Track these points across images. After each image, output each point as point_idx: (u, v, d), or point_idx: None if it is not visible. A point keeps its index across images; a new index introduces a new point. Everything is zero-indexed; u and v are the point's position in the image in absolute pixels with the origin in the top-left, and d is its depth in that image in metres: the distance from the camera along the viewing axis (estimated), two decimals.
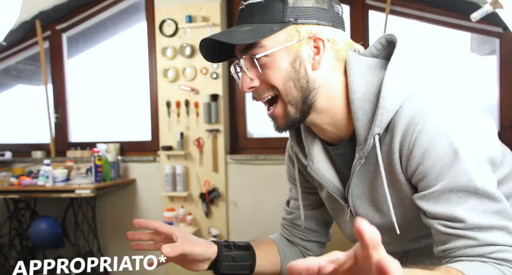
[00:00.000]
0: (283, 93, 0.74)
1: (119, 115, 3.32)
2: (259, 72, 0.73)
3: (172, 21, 2.77)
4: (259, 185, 2.77)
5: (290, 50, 0.72)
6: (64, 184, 2.69)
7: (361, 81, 0.73)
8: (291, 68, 0.73)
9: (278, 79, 0.73)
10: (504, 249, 0.64)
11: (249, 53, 0.73)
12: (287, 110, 0.75)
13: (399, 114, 0.69)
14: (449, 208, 0.66)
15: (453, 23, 2.48)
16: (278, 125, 0.77)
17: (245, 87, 0.75)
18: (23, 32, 3.12)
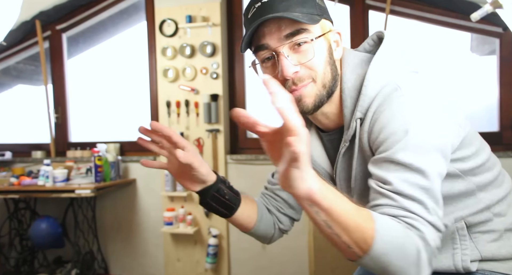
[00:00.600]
0: (321, 77, 0.80)
1: (119, 115, 3.32)
2: (305, 57, 0.77)
3: (172, 21, 2.77)
4: (259, 185, 2.75)
5: (326, 38, 0.81)
6: (64, 184, 2.69)
7: (352, 74, 0.83)
8: (328, 53, 0.81)
9: (320, 64, 0.79)
10: (414, 217, 0.68)
11: (296, 38, 0.77)
12: (320, 91, 0.80)
13: (375, 99, 0.77)
14: (385, 173, 0.72)
15: (453, 23, 2.49)
16: (306, 104, 0.80)
17: (290, 72, 0.77)
18: (23, 32, 3.12)
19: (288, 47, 0.78)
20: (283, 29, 0.77)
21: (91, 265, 2.95)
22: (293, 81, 0.79)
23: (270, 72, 0.81)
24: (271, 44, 0.78)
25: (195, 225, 2.80)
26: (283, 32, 0.77)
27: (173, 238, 2.86)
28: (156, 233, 2.95)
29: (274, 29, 0.77)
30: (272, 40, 0.78)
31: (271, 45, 0.78)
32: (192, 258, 2.85)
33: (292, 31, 0.76)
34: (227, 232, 2.81)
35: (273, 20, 0.77)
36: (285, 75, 0.77)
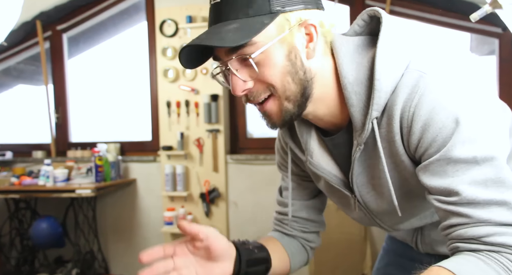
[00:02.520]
0: (281, 90, 0.68)
1: (120, 115, 3.33)
2: (255, 72, 0.66)
3: (172, 21, 2.78)
4: (259, 185, 2.78)
5: (284, 42, 0.66)
6: (65, 184, 2.69)
7: (351, 64, 0.69)
8: (287, 61, 0.67)
9: (276, 76, 0.67)
10: (500, 231, 0.58)
11: (239, 53, 0.65)
12: (283, 106, 0.69)
13: (396, 93, 0.65)
14: (445, 180, 0.61)
15: (452, 23, 2.49)
16: (273, 121, 0.71)
17: (239, 91, 0.68)
18: (24, 32, 3.13)
19: (237, 61, 0.66)
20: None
21: (92, 264, 2.95)
22: (247, 97, 0.70)
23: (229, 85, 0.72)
24: (221, 56, 0.68)
25: None
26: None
27: (174, 238, 2.87)
28: (157, 233, 2.96)
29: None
30: (221, 53, 0.68)
31: (222, 58, 0.68)
32: None
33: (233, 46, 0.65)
34: (227, 232, 2.82)
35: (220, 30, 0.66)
36: (234, 93, 0.68)
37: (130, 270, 3.06)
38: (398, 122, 0.65)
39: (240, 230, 2.82)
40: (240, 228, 2.82)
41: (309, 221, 0.94)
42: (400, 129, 0.66)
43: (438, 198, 0.62)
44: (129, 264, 3.06)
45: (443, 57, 0.69)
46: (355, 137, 0.71)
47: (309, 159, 0.80)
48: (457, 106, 0.61)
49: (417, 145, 0.64)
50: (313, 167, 0.80)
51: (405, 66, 0.66)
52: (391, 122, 0.66)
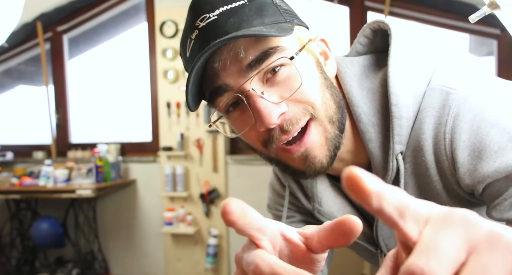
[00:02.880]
0: (322, 109, 0.52)
1: (120, 116, 3.34)
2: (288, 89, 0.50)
3: (172, 22, 2.79)
4: (259, 185, 2.78)
5: (309, 51, 0.55)
6: (65, 184, 2.70)
7: (361, 90, 0.56)
8: (319, 72, 0.54)
9: (315, 90, 0.52)
10: None
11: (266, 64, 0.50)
12: (328, 132, 0.53)
13: (420, 119, 0.52)
14: None
15: (451, 24, 2.50)
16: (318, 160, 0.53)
17: (274, 117, 0.49)
18: (24, 33, 3.14)
19: (259, 80, 0.51)
20: (243, 57, 0.50)
21: (92, 265, 2.96)
22: (282, 128, 0.51)
23: (243, 125, 0.53)
24: (231, 83, 0.51)
25: (195, 225, 2.81)
26: (244, 60, 0.50)
27: (174, 238, 2.88)
28: (157, 233, 2.96)
29: (229, 60, 0.50)
30: (231, 76, 0.51)
31: (232, 84, 0.51)
32: (192, 258, 2.86)
33: (258, 55, 0.49)
34: (227, 232, 2.82)
35: (225, 48, 0.50)
36: (267, 124, 0.49)
37: (130, 270, 3.07)
38: (431, 155, 0.52)
39: None
40: None
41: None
42: (436, 162, 0.52)
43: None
44: (129, 264, 3.07)
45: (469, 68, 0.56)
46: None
47: (317, 208, 0.66)
48: (508, 119, 0.47)
49: (472, 179, 0.50)
50: (323, 217, 0.65)
51: (426, 84, 0.54)
52: (419, 154, 0.53)
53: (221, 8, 0.50)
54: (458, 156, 0.49)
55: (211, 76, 0.52)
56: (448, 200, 0.54)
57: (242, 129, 0.53)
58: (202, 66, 0.51)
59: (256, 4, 0.51)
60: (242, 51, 0.49)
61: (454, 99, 0.50)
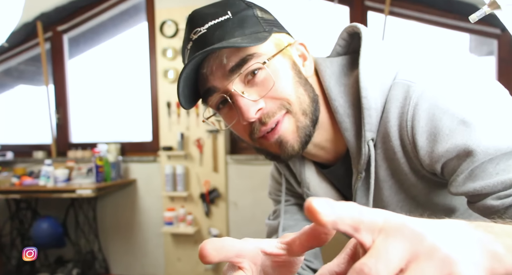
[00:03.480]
0: (296, 104, 0.62)
1: (120, 115, 3.34)
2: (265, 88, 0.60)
3: (172, 22, 2.79)
4: (259, 185, 2.78)
5: (285, 55, 0.64)
6: (65, 184, 2.70)
7: (339, 86, 0.65)
8: (294, 72, 0.63)
9: (288, 87, 0.61)
10: None
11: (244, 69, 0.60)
12: (300, 122, 0.62)
13: (387, 109, 0.60)
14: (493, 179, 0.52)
15: (451, 24, 2.50)
16: (290, 144, 0.62)
17: (252, 113, 0.59)
18: (24, 33, 3.14)
19: (240, 81, 0.60)
20: (226, 63, 0.60)
21: (92, 264, 2.96)
22: (261, 120, 0.61)
23: (231, 119, 0.64)
24: (218, 85, 0.61)
25: (196, 225, 2.81)
26: (227, 66, 0.60)
27: (174, 238, 2.88)
28: (157, 233, 2.96)
29: (215, 66, 0.60)
30: (217, 79, 0.61)
31: (218, 86, 0.61)
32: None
33: (237, 62, 0.59)
34: (227, 232, 2.82)
35: (212, 56, 0.60)
36: (247, 117, 0.59)
37: (130, 270, 3.07)
38: (397, 140, 0.60)
39: (240, 230, 2.83)
40: (240, 228, 2.83)
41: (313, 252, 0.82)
42: (402, 146, 0.60)
43: (497, 195, 0.52)
44: (129, 264, 3.07)
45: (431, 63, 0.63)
46: (354, 165, 0.66)
47: (306, 192, 0.75)
48: (458, 107, 0.55)
49: (430, 159, 0.57)
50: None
51: (392, 78, 0.62)
52: (387, 140, 0.61)
53: (210, 22, 0.61)
54: (418, 140, 0.57)
55: (202, 80, 0.62)
56: (415, 180, 0.62)
57: (231, 122, 0.64)
58: (195, 72, 0.61)
59: (238, 18, 0.61)
60: (225, 58, 0.60)
61: (414, 91, 0.58)
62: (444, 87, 0.57)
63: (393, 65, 0.63)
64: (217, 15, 0.61)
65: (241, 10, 0.62)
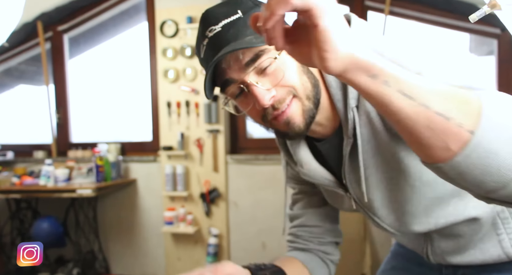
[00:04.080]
0: (301, 89, 0.71)
1: (120, 115, 3.34)
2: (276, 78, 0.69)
3: (172, 22, 2.79)
4: (259, 185, 2.79)
5: None
6: (66, 184, 2.71)
7: None
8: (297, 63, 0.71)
9: (295, 76, 0.71)
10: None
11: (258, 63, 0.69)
12: (305, 105, 0.71)
13: None
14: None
15: (451, 24, 2.50)
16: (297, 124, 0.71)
17: (267, 99, 0.68)
18: (25, 33, 3.14)
19: (255, 73, 0.69)
20: (242, 58, 0.69)
21: (92, 264, 2.96)
22: (273, 106, 0.70)
23: (247, 105, 0.73)
24: (235, 77, 0.70)
25: (196, 224, 2.82)
26: (243, 61, 0.69)
27: (174, 237, 2.88)
28: (157, 233, 2.97)
29: (232, 61, 0.69)
30: (234, 72, 0.70)
31: (236, 77, 0.70)
32: (193, 258, 2.86)
33: (252, 57, 0.68)
34: (227, 232, 2.83)
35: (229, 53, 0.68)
36: (263, 104, 0.68)
37: (130, 269, 3.07)
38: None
39: (240, 230, 2.83)
40: (240, 227, 2.83)
41: (324, 229, 0.93)
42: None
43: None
44: (130, 263, 3.07)
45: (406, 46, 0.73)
46: (345, 133, 0.74)
47: (300, 170, 0.83)
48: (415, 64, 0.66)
49: None
50: (306, 176, 0.83)
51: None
52: (366, 103, 0.70)
53: (223, 21, 0.69)
54: None
55: (221, 72, 0.71)
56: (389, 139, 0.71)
57: (246, 108, 0.74)
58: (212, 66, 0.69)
59: (248, 17, 0.68)
60: (241, 54, 0.69)
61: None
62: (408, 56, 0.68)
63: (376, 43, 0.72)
64: (229, 14, 0.69)
65: (250, 9, 0.70)
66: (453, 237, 0.81)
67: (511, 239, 0.79)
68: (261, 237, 2.79)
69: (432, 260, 0.88)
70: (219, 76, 0.72)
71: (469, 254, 0.82)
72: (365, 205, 0.80)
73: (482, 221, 0.78)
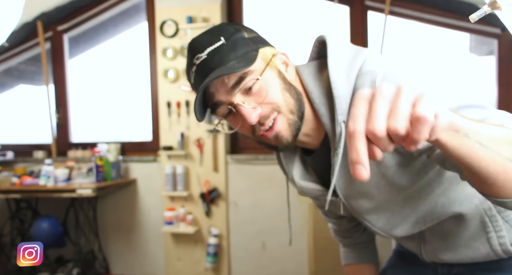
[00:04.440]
0: (284, 106, 0.77)
1: (120, 115, 3.34)
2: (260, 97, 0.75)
3: (172, 21, 2.79)
4: (259, 185, 2.79)
5: (272, 67, 0.78)
6: (66, 184, 2.70)
7: (314, 81, 0.81)
8: (280, 80, 0.78)
9: (277, 94, 0.76)
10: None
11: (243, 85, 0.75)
12: (290, 119, 0.77)
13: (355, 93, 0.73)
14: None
15: (451, 24, 2.50)
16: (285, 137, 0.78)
17: (254, 117, 0.75)
18: (25, 33, 3.14)
19: (241, 94, 0.76)
20: (227, 82, 0.75)
21: (92, 264, 2.96)
22: (260, 122, 0.77)
23: (237, 123, 0.79)
24: (222, 99, 0.76)
25: (196, 224, 2.81)
26: (228, 84, 0.75)
27: (174, 237, 2.88)
28: (157, 233, 2.97)
29: (218, 86, 0.76)
30: (222, 95, 0.76)
31: (223, 100, 0.76)
32: (193, 258, 2.86)
33: (236, 80, 0.75)
34: (227, 232, 2.83)
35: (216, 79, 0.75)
36: (250, 122, 0.75)
37: (130, 269, 3.07)
38: None
39: (240, 229, 2.83)
40: (240, 228, 2.83)
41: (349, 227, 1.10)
42: None
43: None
44: (130, 263, 3.07)
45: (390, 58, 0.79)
46: (331, 144, 0.79)
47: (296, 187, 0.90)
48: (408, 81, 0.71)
49: None
50: (302, 192, 0.90)
51: (356, 71, 0.76)
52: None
53: (208, 48, 0.76)
54: None
55: (210, 96, 0.78)
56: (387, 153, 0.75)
57: (237, 126, 0.80)
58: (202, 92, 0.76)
59: (231, 42, 0.76)
60: (226, 78, 0.75)
61: (377, 75, 0.73)
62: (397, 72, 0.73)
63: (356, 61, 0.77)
64: (213, 41, 0.76)
65: (232, 34, 0.76)
66: (443, 235, 0.85)
67: (499, 237, 0.82)
68: (261, 237, 2.79)
69: (425, 258, 0.92)
70: (209, 99, 0.78)
71: (460, 252, 0.86)
72: (356, 210, 0.85)
73: (467, 218, 0.82)
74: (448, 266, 0.91)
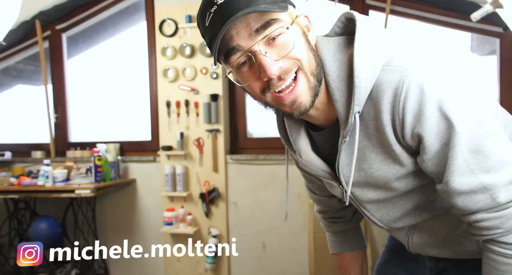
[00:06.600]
0: (307, 65, 0.71)
1: (119, 115, 3.32)
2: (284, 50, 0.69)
3: (172, 21, 2.77)
4: (259, 185, 2.77)
5: (297, 24, 0.73)
6: (64, 184, 2.69)
7: (333, 61, 0.74)
8: (305, 39, 0.73)
9: (302, 51, 0.71)
10: (483, 224, 0.72)
11: (269, 31, 0.68)
12: (311, 82, 0.72)
13: (379, 88, 0.71)
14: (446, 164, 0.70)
15: (453, 23, 2.48)
16: (303, 103, 0.72)
17: (274, 70, 0.68)
18: (23, 32, 3.12)
19: (263, 43, 0.68)
20: (252, 25, 0.67)
21: (91, 265, 2.95)
22: (279, 77, 0.70)
23: (249, 77, 0.72)
24: (242, 44, 0.68)
25: (195, 225, 2.80)
26: (253, 27, 0.67)
27: (173, 238, 2.86)
28: (156, 233, 2.95)
29: (241, 28, 0.67)
30: (242, 39, 0.68)
31: (243, 45, 0.68)
32: (192, 258, 2.85)
33: (262, 23, 0.67)
34: (227, 232, 2.81)
35: (239, 19, 0.67)
36: (269, 74, 0.68)
37: (129, 270, 3.06)
38: (388, 115, 0.70)
39: (240, 230, 2.81)
40: (240, 228, 2.82)
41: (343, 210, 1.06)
42: (392, 121, 0.71)
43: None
44: (129, 264, 3.06)
45: (420, 52, 0.75)
46: (341, 130, 0.76)
47: (299, 159, 0.85)
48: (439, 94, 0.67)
49: (412, 134, 0.70)
50: (303, 166, 0.85)
51: (383, 63, 0.72)
52: (379, 115, 0.71)
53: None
54: (406, 118, 0.69)
55: (227, 40, 0.69)
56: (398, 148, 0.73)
57: (248, 81, 0.72)
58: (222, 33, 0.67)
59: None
60: (252, 21, 0.67)
61: (407, 76, 0.69)
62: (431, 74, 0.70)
63: (384, 51, 0.73)
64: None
65: None
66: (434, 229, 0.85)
67: None
68: (261, 237, 2.78)
69: (412, 250, 0.92)
70: (224, 44, 0.69)
71: (447, 247, 0.86)
72: (357, 198, 0.85)
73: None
74: (435, 260, 0.92)
